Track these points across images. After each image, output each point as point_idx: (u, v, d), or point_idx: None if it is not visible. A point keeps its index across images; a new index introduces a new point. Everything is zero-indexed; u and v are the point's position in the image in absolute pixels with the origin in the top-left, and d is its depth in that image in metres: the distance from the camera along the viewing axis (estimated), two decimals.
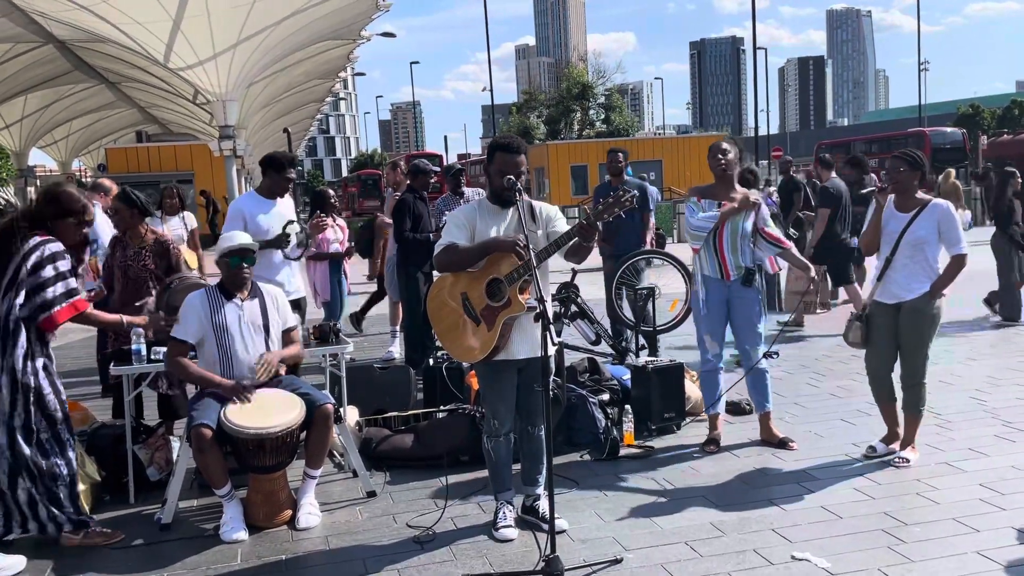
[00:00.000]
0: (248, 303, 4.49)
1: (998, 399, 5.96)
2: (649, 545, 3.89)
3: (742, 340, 5.19)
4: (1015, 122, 68.85)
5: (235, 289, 4.47)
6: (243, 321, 4.43)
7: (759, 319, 5.18)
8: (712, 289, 5.13)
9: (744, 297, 5.13)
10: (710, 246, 5.09)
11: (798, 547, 3.78)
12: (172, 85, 25.91)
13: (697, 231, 5.10)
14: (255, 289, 4.56)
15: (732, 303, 5.14)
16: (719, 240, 5.07)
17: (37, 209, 4.13)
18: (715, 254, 5.08)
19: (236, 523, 4.18)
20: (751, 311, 5.14)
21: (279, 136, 34.27)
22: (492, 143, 4.08)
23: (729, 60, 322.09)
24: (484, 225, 3.98)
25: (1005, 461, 4.73)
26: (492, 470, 4.18)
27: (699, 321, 5.22)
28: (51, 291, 3.95)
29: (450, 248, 3.94)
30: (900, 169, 4.78)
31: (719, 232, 5.06)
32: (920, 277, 4.75)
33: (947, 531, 3.88)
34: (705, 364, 5.25)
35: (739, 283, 5.10)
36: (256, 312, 4.49)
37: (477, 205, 4.09)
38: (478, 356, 3.95)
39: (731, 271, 5.08)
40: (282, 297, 4.72)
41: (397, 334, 8.70)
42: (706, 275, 5.13)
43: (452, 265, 3.98)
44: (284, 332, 4.60)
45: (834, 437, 5.34)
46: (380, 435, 5.30)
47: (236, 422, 4.09)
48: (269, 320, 4.51)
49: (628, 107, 64.08)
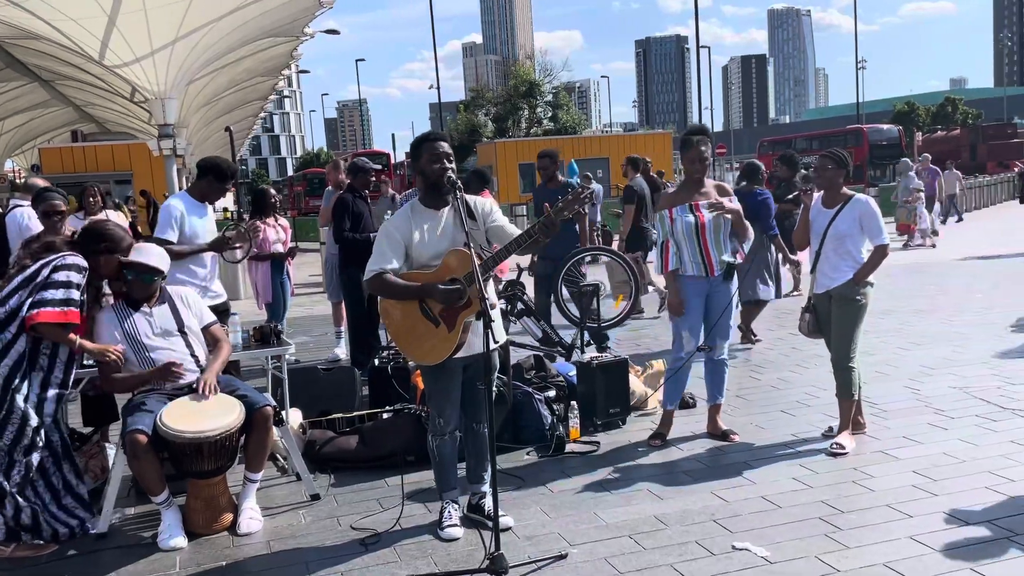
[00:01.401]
0: (157, 309, 4.37)
1: (931, 388, 6.14)
2: (593, 540, 3.91)
3: (715, 333, 5.24)
4: (949, 119, 71.01)
5: (143, 299, 4.36)
6: (155, 328, 4.32)
7: (732, 312, 5.27)
8: (693, 287, 5.14)
9: (723, 291, 5.18)
10: (695, 245, 5.09)
11: (738, 537, 3.84)
12: (109, 83, 25.24)
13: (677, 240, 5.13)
14: (162, 294, 4.44)
15: (711, 298, 5.18)
16: (703, 238, 5.10)
17: (82, 241, 4.32)
18: (700, 252, 5.10)
19: (174, 530, 4.09)
20: (727, 303, 5.21)
21: (221, 135, 33.68)
22: (415, 141, 4.01)
23: (674, 58, 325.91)
24: (420, 232, 3.88)
25: (938, 448, 4.87)
26: (437, 469, 4.15)
27: (680, 318, 5.20)
28: (51, 292, 3.99)
29: (382, 281, 3.82)
30: (827, 167, 5.03)
31: (702, 230, 5.10)
32: (843, 267, 4.98)
33: (882, 517, 3.98)
34: (677, 361, 5.28)
35: (720, 277, 5.16)
36: (167, 316, 4.37)
37: (410, 211, 3.96)
38: (441, 358, 3.87)
39: (716, 267, 5.13)
40: (192, 295, 4.58)
41: (342, 335, 8.62)
42: (689, 275, 5.12)
43: (386, 295, 3.89)
44: (204, 329, 4.48)
45: (775, 428, 5.44)
46: (324, 437, 5.24)
47: (172, 426, 3.99)
48: (183, 321, 4.39)
49: (576, 105, 64.38)
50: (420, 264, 3.91)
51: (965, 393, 5.95)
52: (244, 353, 4.89)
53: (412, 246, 3.88)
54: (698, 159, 5.11)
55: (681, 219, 5.10)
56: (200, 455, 4.04)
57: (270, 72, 31.34)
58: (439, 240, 3.89)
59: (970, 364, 6.77)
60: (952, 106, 78.41)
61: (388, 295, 3.89)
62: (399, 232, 3.89)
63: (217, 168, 5.36)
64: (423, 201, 3.97)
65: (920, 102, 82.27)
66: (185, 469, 4.14)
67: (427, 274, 3.86)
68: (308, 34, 28.17)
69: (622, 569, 3.61)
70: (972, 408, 5.59)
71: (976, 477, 4.40)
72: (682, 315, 5.15)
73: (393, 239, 3.88)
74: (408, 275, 3.88)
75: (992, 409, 5.54)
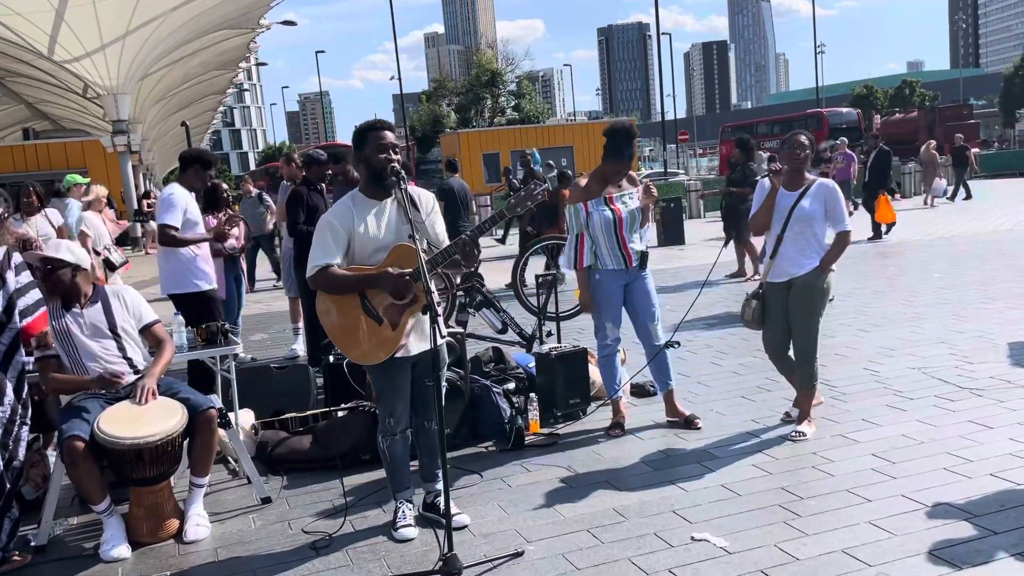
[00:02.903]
0: (88, 309, 4.20)
1: (890, 369, 6.14)
2: (551, 535, 3.82)
3: (643, 319, 5.18)
4: (906, 101, 71.99)
5: (72, 299, 4.19)
6: (84, 329, 4.15)
7: (654, 295, 5.21)
8: (611, 279, 5.09)
9: (642, 278, 5.15)
10: (613, 240, 5.03)
11: (697, 528, 3.78)
12: (60, 79, 24.66)
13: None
14: (96, 294, 4.27)
15: (630, 287, 5.14)
16: (620, 232, 5.03)
17: None
18: (619, 247, 5.04)
19: (117, 540, 3.93)
20: (648, 289, 5.17)
21: (178, 131, 33.12)
22: (358, 129, 3.86)
23: (636, 46, 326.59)
24: (363, 224, 3.73)
25: (896, 430, 4.85)
26: (389, 470, 4.03)
27: (600, 310, 5.17)
28: (23, 300, 3.91)
29: (327, 276, 3.67)
30: (805, 148, 4.90)
31: (619, 225, 5.03)
32: (809, 252, 4.86)
33: (840, 503, 3.94)
34: (604, 349, 5.22)
35: (637, 267, 5.09)
36: (99, 316, 4.20)
37: (351, 202, 3.79)
38: (382, 357, 3.74)
39: (633, 258, 5.07)
40: (131, 295, 4.38)
41: (300, 331, 8.45)
42: (608, 269, 5.07)
43: (332, 290, 3.73)
44: (146, 329, 4.32)
45: (736, 414, 5.39)
46: (276, 438, 5.10)
47: (110, 432, 3.82)
48: (116, 321, 4.22)
49: (539, 94, 64.19)
50: (361, 259, 3.76)
51: (924, 374, 5.96)
52: (188, 355, 4.72)
53: (355, 239, 3.74)
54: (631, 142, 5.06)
55: (598, 213, 5.03)
56: (141, 462, 3.88)
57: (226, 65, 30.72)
58: (384, 233, 3.76)
59: (928, 344, 6.80)
60: (910, 89, 79.55)
61: (335, 290, 3.74)
62: (342, 225, 3.73)
63: (201, 156, 5.78)
64: (364, 192, 3.82)
65: (878, 85, 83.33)
66: (126, 476, 3.97)
67: (369, 268, 3.73)
68: (264, 26, 27.55)
69: (579, 565, 3.53)
70: (931, 389, 5.59)
71: (935, 459, 4.38)
72: (595, 312, 5.15)
73: (336, 232, 3.72)
74: (349, 269, 3.74)
75: (951, 389, 5.55)
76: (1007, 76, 74.64)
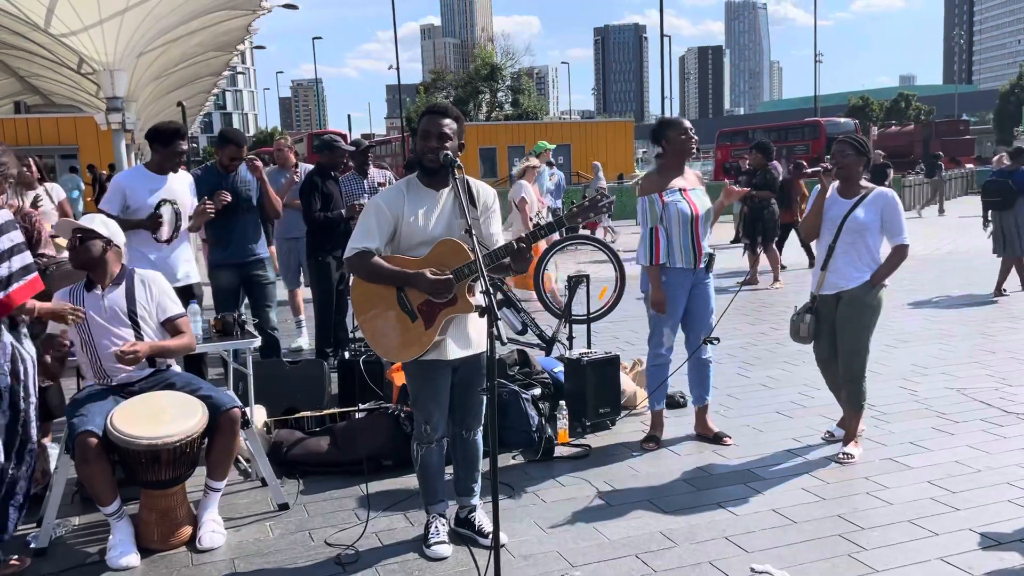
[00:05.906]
0: (110, 293, 3.88)
1: (928, 390, 5.91)
2: (597, 559, 3.55)
3: (698, 329, 4.90)
4: (902, 114, 72.20)
5: (97, 277, 3.87)
6: (104, 312, 3.83)
7: (714, 304, 4.93)
8: (679, 279, 4.78)
9: (706, 283, 4.86)
10: (688, 236, 4.71)
11: (755, 557, 3.52)
12: (55, 53, 24.08)
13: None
14: (122, 275, 3.95)
15: (694, 291, 4.84)
16: (696, 228, 4.74)
17: None
18: (692, 243, 4.72)
19: (125, 546, 3.63)
20: (709, 295, 4.88)
21: (173, 110, 32.64)
22: (422, 111, 3.58)
23: (632, 47, 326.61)
24: (413, 212, 3.45)
25: (948, 456, 4.61)
26: (423, 480, 3.74)
27: (662, 315, 4.84)
28: (5, 267, 3.36)
29: (365, 260, 3.41)
30: (847, 153, 4.61)
31: (695, 220, 4.74)
32: (860, 265, 4.58)
33: (905, 535, 3.68)
34: (658, 358, 4.93)
35: (704, 270, 4.82)
36: (119, 301, 3.87)
37: (405, 186, 3.54)
38: (411, 356, 3.48)
39: (703, 258, 4.79)
40: (159, 283, 4.03)
41: (303, 324, 8.14)
42: (677, 267, 4.75)
43: (365, 278, 3.46)
44: (168, 322, 3.98)
45: (773, 431, 5.14)
46: (292, 438, 4.80)
47: (125, 431, 3.52)
48: (137, 309, 3.89)
49: (535, 91, 63.82)
50: (404, 248, 3.48)
51: (963, 395, 5.73)
52: (205, 346, 4.41)
53: (402, 225, 3.46)
54: (690, 140, 4.76)
55: (674, 205, 4.73)
56: (157, 463, 3.57)
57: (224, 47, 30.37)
58: (434, 225, 3.47)
59: (961, 363, 6.58)
60: (905, 102, 79.81)
61: (368, 277, 3.45)
62: (390, 209, 3.46)
63: (157, 133, 5.10)
64: (420, 179, 3.54)
65: (873, 97, 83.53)
66: (139, 478, 3.66)
67: (411, 260, 3.45)
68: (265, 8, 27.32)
69: None
70: (976, 412, 5.36)
71: (996, 489, 4.14)
72: (665, 312, 4.81)
73: (382, 215, 3.45)
74: (390, 259, 3.46)
75: (995, 413, 5.32)
76: (1003, 93, 75.09)
